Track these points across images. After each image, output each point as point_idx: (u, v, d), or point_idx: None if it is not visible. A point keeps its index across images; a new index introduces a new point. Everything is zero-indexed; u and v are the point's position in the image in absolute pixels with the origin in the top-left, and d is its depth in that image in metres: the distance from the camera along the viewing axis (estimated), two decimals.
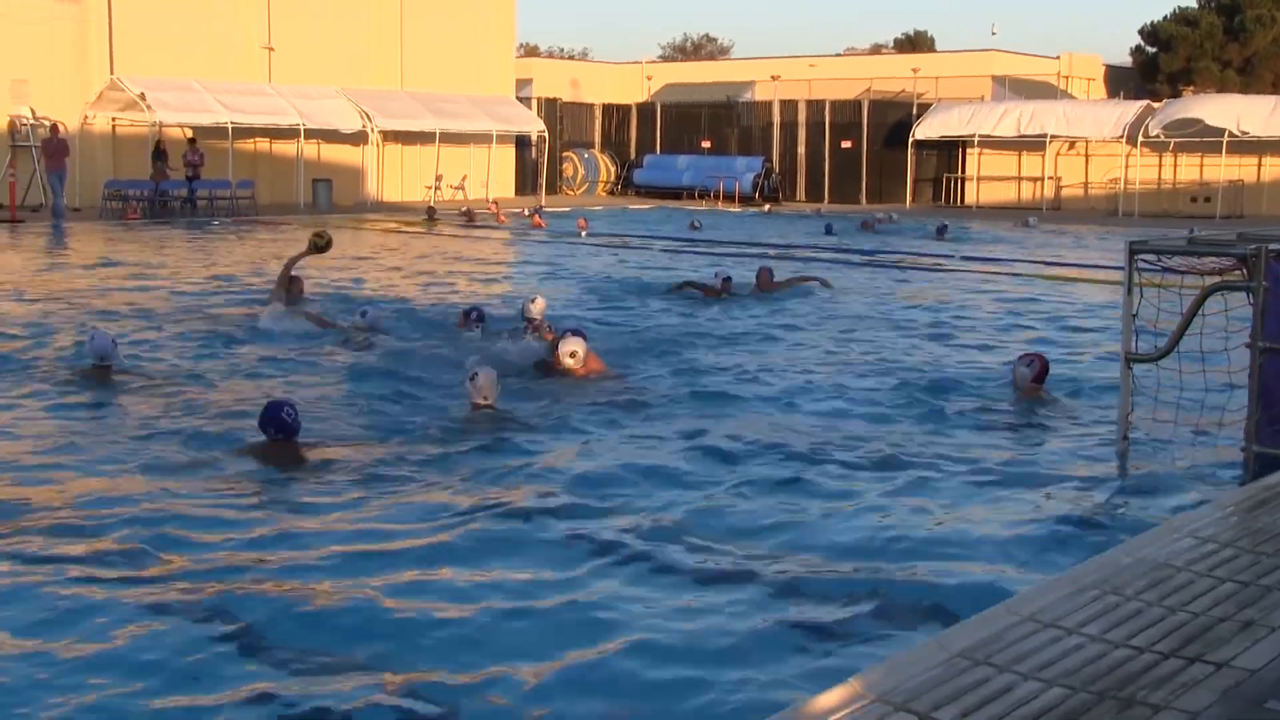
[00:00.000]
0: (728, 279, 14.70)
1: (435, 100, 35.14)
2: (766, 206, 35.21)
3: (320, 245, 12.06)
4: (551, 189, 39.77)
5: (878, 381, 9.49)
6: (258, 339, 11.19)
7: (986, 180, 37.78)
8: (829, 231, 26.64)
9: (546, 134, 37.90)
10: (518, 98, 39.60)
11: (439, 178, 35.43)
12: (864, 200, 38.54)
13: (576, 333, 9.28)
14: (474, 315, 11.83)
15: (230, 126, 30.00)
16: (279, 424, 6.92)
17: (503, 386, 7.90)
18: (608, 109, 44.84)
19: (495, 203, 31.15)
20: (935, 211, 34.89)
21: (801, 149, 40.31)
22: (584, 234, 25.09)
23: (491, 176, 37.06)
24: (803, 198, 39.87)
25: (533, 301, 11.47)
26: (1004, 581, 5.04)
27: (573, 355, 8.79)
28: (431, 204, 31.02)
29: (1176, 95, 41.02)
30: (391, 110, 33.89)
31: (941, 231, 26.03)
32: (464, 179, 36.53)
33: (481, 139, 36.48)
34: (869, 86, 41.74)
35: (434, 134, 34.52)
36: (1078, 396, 8.96)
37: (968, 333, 12.60)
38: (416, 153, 35.65)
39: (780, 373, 9.82)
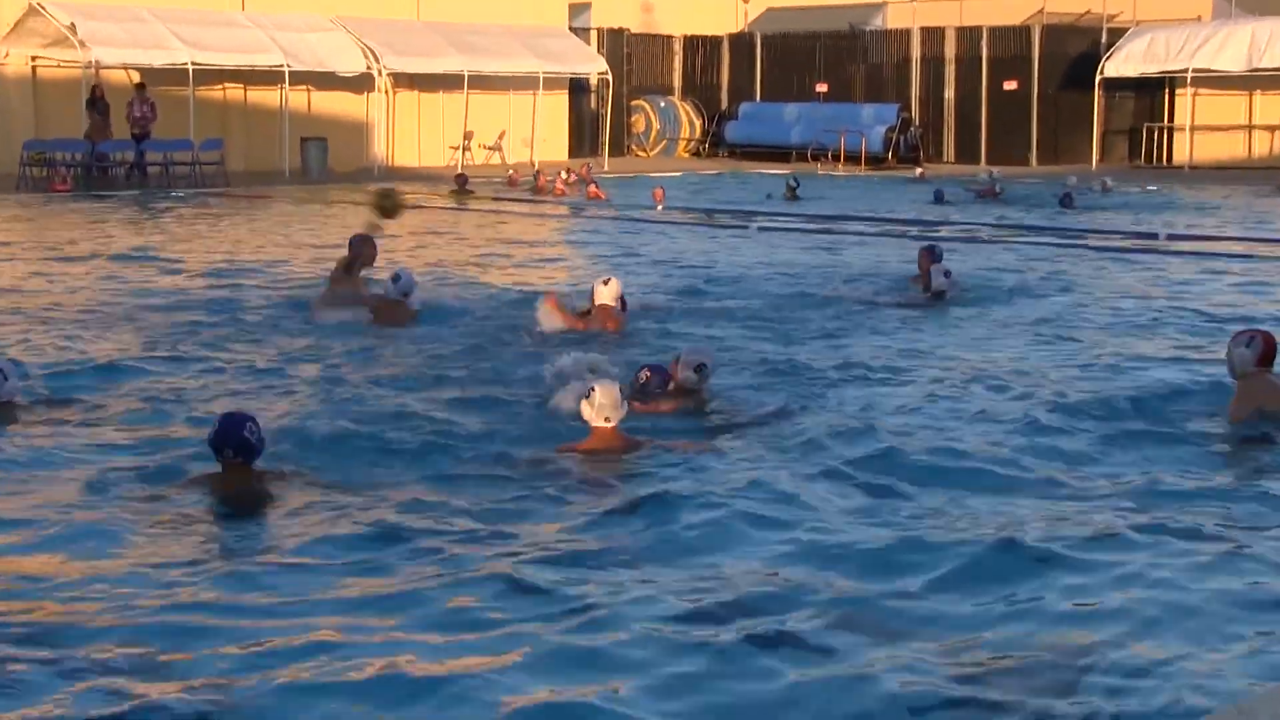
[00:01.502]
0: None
1: (463, 33, 35.23)
2: (919, 170, 34.94)
3: (387, 208, 12.80)
4: (617, 149, 39.90)
5: (1058, 399, 9.63)
6: (233, 342, 11.54)
7: (1203, 130, 37.23)
8: (939, 200, 27.27)
9: (610, 77, 37.90)
10: (572, 29, 39.77)
11: (468, 135, 35.70)
12: (1034, 160, 38.34)
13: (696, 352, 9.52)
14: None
15: (191, 68, 30.14)
16: (239, 443, 6.98)
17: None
18: (691, 43, 44.93)
19: (569, 170, 30.88)
20: (1133, 173, 34.60)
21: (950, 93, 40.18)
22: (661, 208, 25.30)
23: (538, 133, 37.15)
24: (951, 157, 39.77)
25: (605, 283, 11.55)
26: (1216, 679, 4.97)
27: (699, 370, 9.09)
28: (461, 170, 30.89)
29: None
30: (405, 46, 33.98)
31: (1067, 201, 26.40)
32: (501, 136, 36.86)
33: (524, 84, 36.50)
34: (1041, 7, 41.52)
35: (461, 77, 34.57)
36: None
37: (1186, 334, 12.67)
38: (438, 103, 35.78)
39: (931, 392, 10.03)
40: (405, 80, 34.78)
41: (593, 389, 7.88)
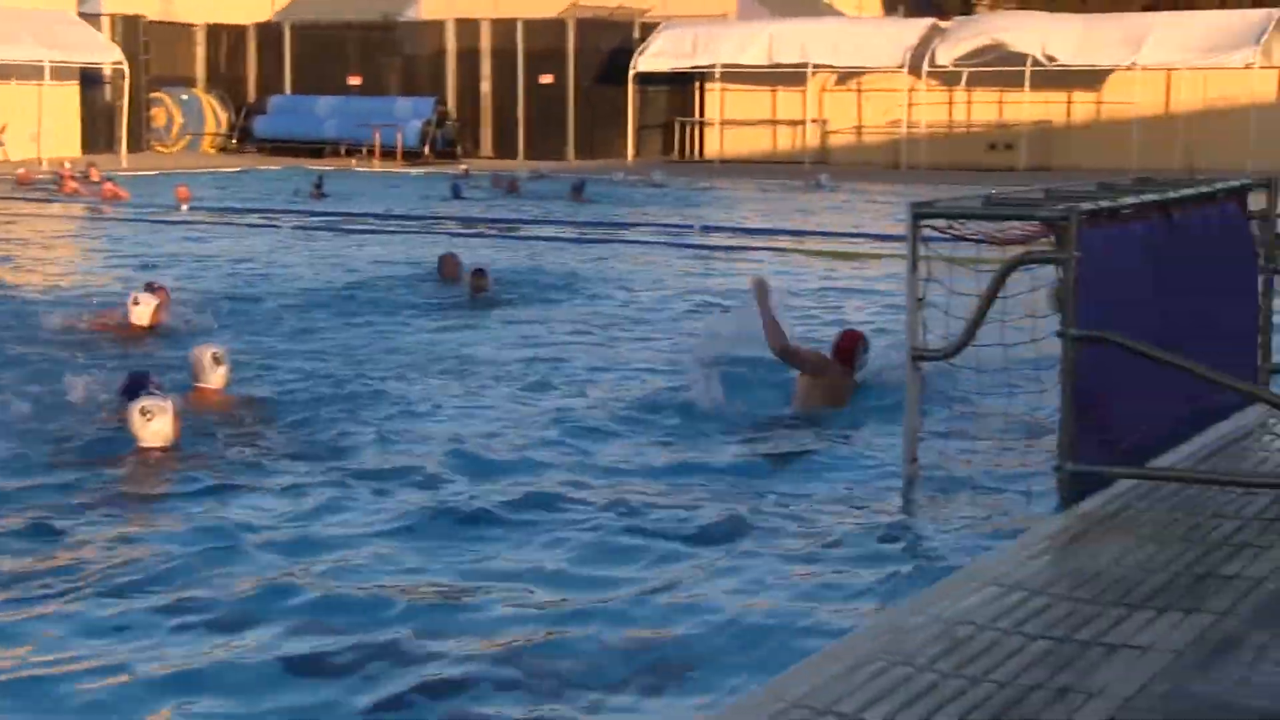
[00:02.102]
0: (480, 272, 14.82)
1: None
2: (463, 166, 35.29)
3: None
4: (136, 144, 38.83)
5: (588, 401, 9.89)
6: None
7: (731, 125, 38.97)
8: (456, 195, 28.13)
9: (126, 67, 37.00)
10: (81, 14, 38.54)
11: None
12: (572, 154, 39.19)
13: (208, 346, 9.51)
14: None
15: None
16: None
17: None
18: (214, 32, 44.10)
19: (91, 166, 30.07)
20: (666, 167, 35.74)
21: (486, 86, 40.71)
22: (185, 208, 24.99)
23: (46, 127, 35.92)
24: (490, 152, 40.24)
25: (139, 300, 11.68)
26: (758, 659, 5.20)
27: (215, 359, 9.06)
28: None
29: (969, 12, 43.38)
30: None
31: (579, 190, 27.90)
32: (2, 130, 35.37)
33: (28, 73, 35.31)
34: (575, 0, 42.30)
35: None
36: (849, 407, 9.32)
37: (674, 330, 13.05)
38: None
39: (460, 394, 10.18)
40: None
41: (142, 402, 7.92)
